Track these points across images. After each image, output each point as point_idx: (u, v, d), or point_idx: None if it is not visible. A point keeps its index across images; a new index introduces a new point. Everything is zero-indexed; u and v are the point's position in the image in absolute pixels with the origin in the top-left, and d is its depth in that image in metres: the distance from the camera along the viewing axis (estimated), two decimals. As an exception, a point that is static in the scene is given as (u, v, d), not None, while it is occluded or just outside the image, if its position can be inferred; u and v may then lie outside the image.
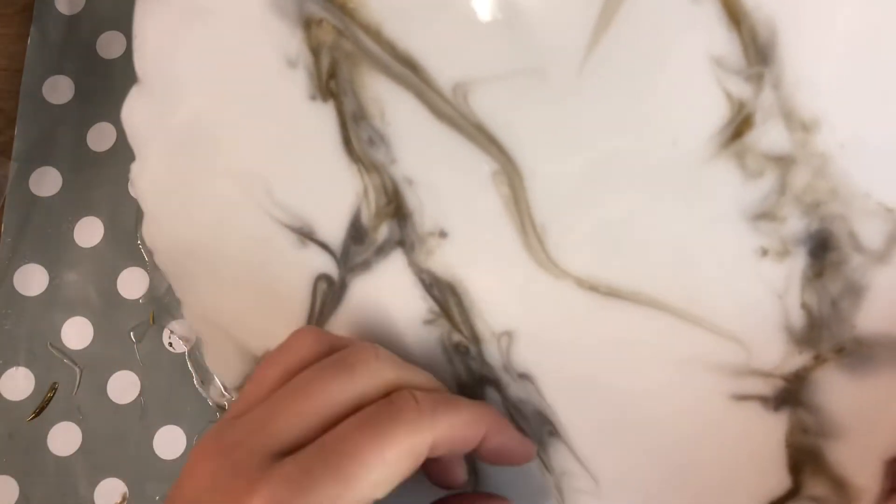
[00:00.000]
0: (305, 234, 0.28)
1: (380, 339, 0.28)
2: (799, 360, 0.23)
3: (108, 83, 0.36)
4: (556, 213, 0.25)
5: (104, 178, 0.35)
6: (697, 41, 0.21)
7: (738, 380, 0.24)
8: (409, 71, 0.25)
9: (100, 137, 0.36)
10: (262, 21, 0.26)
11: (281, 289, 0.29)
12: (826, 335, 0.22)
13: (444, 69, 0.25)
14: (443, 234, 0.26)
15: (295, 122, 0.27)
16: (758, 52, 0.21)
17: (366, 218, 0.27)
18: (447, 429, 0.22)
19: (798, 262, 0.22)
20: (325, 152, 0.27)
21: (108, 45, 0.37)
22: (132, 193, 0.31)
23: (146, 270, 0.34)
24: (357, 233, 0.27)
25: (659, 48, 0.22)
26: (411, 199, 0.26)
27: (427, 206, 0.26)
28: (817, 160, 0.21)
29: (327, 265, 0.28)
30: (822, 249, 0.22)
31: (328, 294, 0.29)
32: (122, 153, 0.34)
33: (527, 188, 0.25)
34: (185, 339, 0.33)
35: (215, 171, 0.29)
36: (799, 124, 0.21)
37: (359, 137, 0.26)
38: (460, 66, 0.24)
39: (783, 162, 0.22)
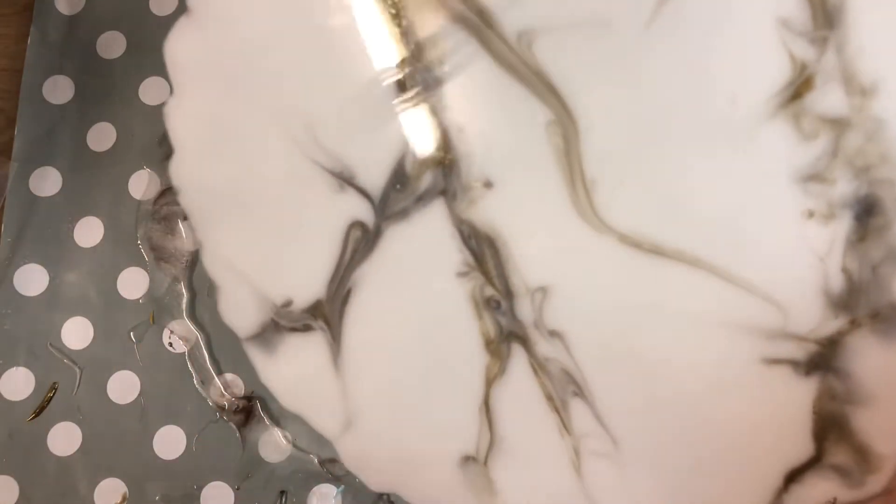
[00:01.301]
0: (345, 179, 0.28)
1: (409, 290, 0.28)
2: (834, 324, 0.24)
3: (108, 83, 0.36)
4: (607, 167, 0.25)
5: (104, 178, 0.35)
6: (767, 1, 0.22)
7: (772, 343, 0.24)
8: (476, 16, 0.25)
9: (100, 137, 0.35)
10: None
11: (311, 234, 0.29)
12: (863, 300, 0.23)
13: (511, 16, 0.25)
14: (488, 184, 0.27)
15: (347, 61, 0.27)
16: (825, 16, 0.22)
17: (410, 164, 0.27)
18: None
19: (843, 225, 0.23)
20: (375, 96, 0.27)
21: (108, 45, 0.37)
22: (166, 126, 0.31)
23: (146, 270, 0.33)
24: (399, 179, 0.27)
25: (728, 5, 0.23)
26: (459, 146, 0.26)
27: (476, 155, 0.26)
28: (872, 124, 0.22)
29: (363, 212, 0.28)
30: (867, 214, 0.23)
31: (361, 241, 0.28)
32: (122, 153, 0.34)
33: (581, 140, 0.25)
34: (184, 339, 0.33)
35: (256, 106, 0.28)
36: (858, 89, 0.22)
37: (413, 80, 0.27)
38: (528, 14, 0.25)
39: (838, 125, 0.23)
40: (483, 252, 0.27)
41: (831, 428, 0.24)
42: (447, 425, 0.29)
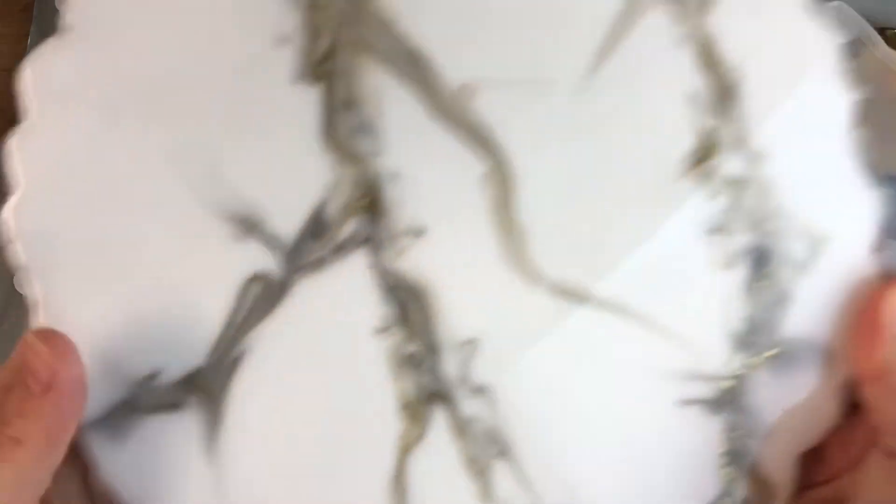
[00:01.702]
0: (249, 225, 0.25)
1: (316, 352, 0.26)
2: (738, 363, 0.26)
3: None
4: (539, 219, 0.26)
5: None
6: (676, 78, 0.26)
7: (686, 385, 0.26)
8: (415, 66, 0.25)
9: None
10: None
11: (197, 291, 0.25)
12: (761, 339, 0.26)
13: (452, 67, 0.25)
14: (419, 233, 0.26)
15: (266, 101, 0.25)
16: (724, 92, 0.26)
17: (332, 211, 0.25)
18: None
19: (741, 272, 0.26)
20: (296, 138, 0.25)
21: None
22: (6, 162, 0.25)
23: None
24: (317, 227, 0.25)
25: (647, 80, 0.26)
26: (390, 193, 0.25)
27: (407, 203, 0.26)
28: (764, 184, 0.26)
29: (268, 263, 0.25)
30: (762, 262, 0.26)
31: (261, 298, 0.25)
32: None
33: (515, 192, 0.26)
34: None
35: (143, 141, 0.25)
36: (753, 154, 0.26)
37: (343, 126, 0.25)
38: (469, 67, 0.25)
39: (738, 184, 0.26)
40: (408, 305, 0.26)
41: (737, 463, 0.26)
42: None
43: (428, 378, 0.26)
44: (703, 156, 0.26)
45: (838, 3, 0.36)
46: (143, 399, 0.25)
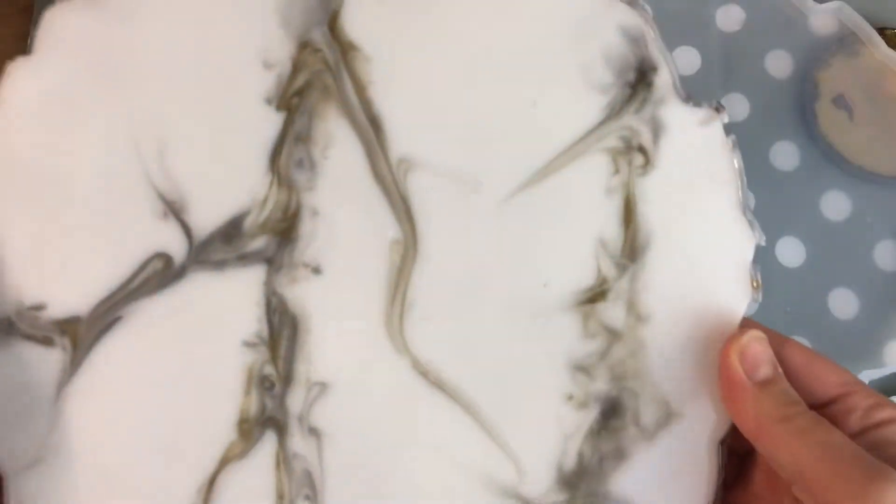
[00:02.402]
0: (174, 210, 0.27)
1: (185, 340, 0.27)
2: (557, 497, 0.27)
3: None
4: (428, 297, 0.27)
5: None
6: (596, 221, 0.28)
7: (503, 500, 0.27)
8: (371, 128, 0.28)
9: None
10: (262, 16, 0.27)
11: (106, 245, 0.27)
12: (585, 484, 0.27)
13: (400, 141, 0.28)
14: (317, 270, 0.28)
15: (234, 108, 0.27)
16: (632, 249, 0.28)
17: (249, 223, 0.28)
18: None
19: (590, 415, 0.27)
20: (246, 150, 0.28)
21: None
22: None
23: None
24: (230, 232, 0.27)
25: (569, 212, 0.28)
26: (307, 226, 0.27)
27: (318, 240, 0.27)
28: (636, 345, 0.27)
29: (175, 247, 0.27)
30: (611, 413, 0.27)
31: (158, 275, 0.27)
32: None
33: (415, 266, 0.27)
34: None
35: (117, 100, 0.27)
36: (635, 313, 0.27)
37: (290, 154, 0.28)
38: (415, 146, 0.28)
39: (613, 335, 0.27)
40: (282, 330, 0.27)
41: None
42: (159, 497, 0.27)
43: (272, 404, 0.27)
44: (593, 297, 0.28)
45: (838, 3, 0.36)
46: (23, 325, 0.27)
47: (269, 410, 0.27)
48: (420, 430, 0.28)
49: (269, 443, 0.27)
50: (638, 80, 0.28)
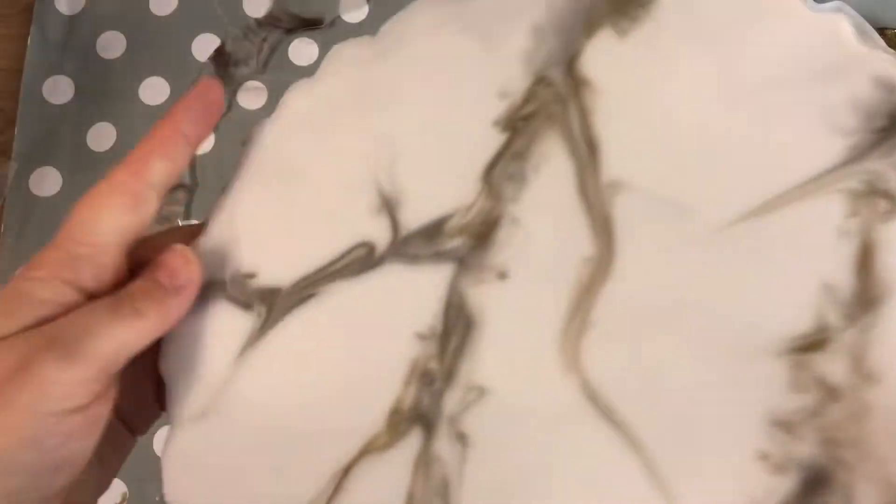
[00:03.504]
0: (389, 207, 0.29)
1: (362, 323, 0.27)
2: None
3: (108, 83, 0.37)
4: (612, 322, 0.25)
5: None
6: (823, 264, 0.24)
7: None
8: (587, 148, 0.27)
9: (100, 137, 0.35)
10: (507, 60, 0.29)
11: (321, 231, 0.29)
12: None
13: (615, 163, 0.27)
14: (503, 275, 0.27)
15: (464, 130, 0.29)
16: (865, 300, 0.23)
17: (451, 225, 0.28)
18: None
19: (787, 483, 0.22)
20: (466, 163, 0.28)
21: (108, 45, 0.37)
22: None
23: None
24: (432, 231, 0.28)
25: (790, 252, 0.25)
26: (503, 233, 0.27)
27: (511, 247, 0.27)
28: (860, 408, 0.22)
29: (380, 239, 0.28)
30: (815, 485, 0.22)
31: (358, 262, 0.28)
32: (122, 153, 0.34)
33: (605, 286, 0.26)
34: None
35: (362, 122, 0.30)
36: (863, 372, 0.22)
37: (504, 169, 0.28)
38: (629, 170, 0.27)
39: (830, 392, 0.22)
40: (455, 328, 0.27)
41: None
42: (296, 475, 0.27)
43: (428, 400, 0.26)
44: (808, 346, 0.23)
45: (838, 3, 0.30)
46: (232, 289, 0.29)
47: (423, 406, 0.26)
48: (574, 458, 0.24)
49: (414, 441, 0.26)
50: (889, 127, 0.25)
